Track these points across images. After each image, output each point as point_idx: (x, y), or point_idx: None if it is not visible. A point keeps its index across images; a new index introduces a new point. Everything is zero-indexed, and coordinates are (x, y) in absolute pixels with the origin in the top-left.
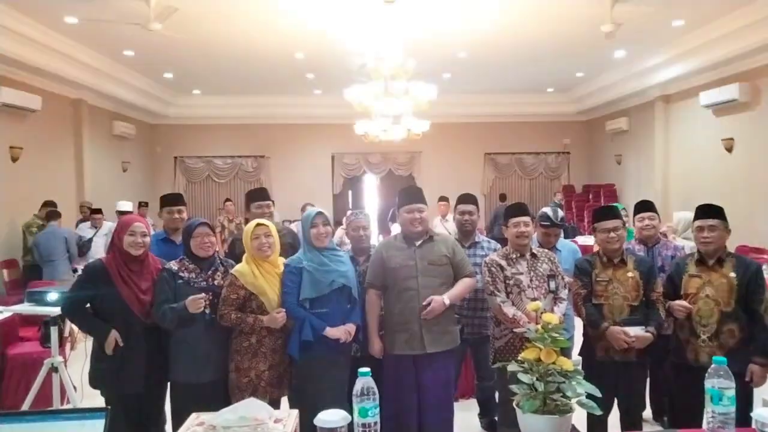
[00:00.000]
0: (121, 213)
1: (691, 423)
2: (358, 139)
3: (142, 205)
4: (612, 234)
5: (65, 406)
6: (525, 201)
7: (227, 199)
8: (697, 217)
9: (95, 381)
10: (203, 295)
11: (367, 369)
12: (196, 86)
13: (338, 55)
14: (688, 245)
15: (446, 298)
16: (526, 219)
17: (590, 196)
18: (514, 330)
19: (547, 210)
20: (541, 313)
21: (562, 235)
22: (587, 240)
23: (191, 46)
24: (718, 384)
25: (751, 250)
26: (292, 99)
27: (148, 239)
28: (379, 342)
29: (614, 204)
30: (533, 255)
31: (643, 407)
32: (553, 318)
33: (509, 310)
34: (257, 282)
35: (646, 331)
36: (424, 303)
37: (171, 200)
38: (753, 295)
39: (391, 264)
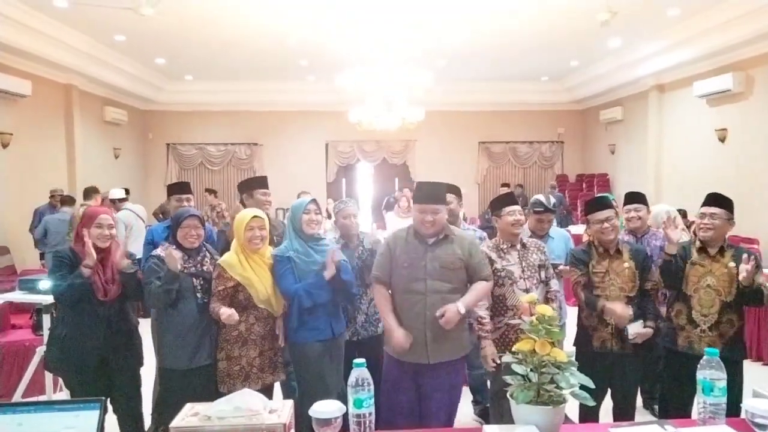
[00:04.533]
0: (113, 201)
1: (682, 411)
2: (353, 127)
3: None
4: (605, 224)
5: (58, 394)
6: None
7: (207, 189)
8: (703, 204)
9: (49, 364)
10: (175, 251)
11: (362, 360)
12: (189, 72)
13: (332, 41)
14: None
15: (461, 306)
16: (519, 208)
17: (584, 186)
18: (509, 321)
19: (540, 197)
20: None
21: (555, 222)
22: (579, 229)
23: (183, 31)
24: (710, 375)
25: (742, 240)
26: (286, 85)
27: (114, 231)
28: (403, 333)
29: (605, 194)
30: (523, 245)
31: (636, 397)
32: (547, 310)
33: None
34: (245, 273)
35: (645, 326)
36: (437, 314)
37: (179, 189)
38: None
39: (399, 261)
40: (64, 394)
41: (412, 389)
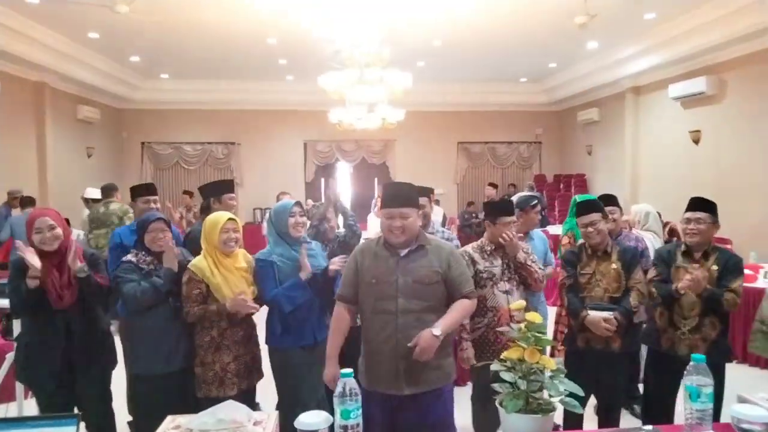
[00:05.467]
0: (87, 201)
1: (665, 411)
2: (331, 126)
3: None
4: (590, 228)
5: (29, 400)
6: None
7: (185, 191)
8: (687, 209)
9: (18, 373)
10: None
11: (349, 370)
12: (165, 70)
13: (311, 41)
14: (648, 237)
15: (436, 330)
16: (515, 219)
17: (561, 186)
18: (498, 329)
19: (525, 193)
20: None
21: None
22: (557, 230)
23: (159, 28)
24: (697, 381)
25: (716, 241)
26: (264, 85)
27: (58, 230)
28: (334, 368)
29: (590, 197)
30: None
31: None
32: (536, 317)
33: None
34: (213, 279)
35: (612, 316)
36: (410, 345)
37: (147, 190)
38: (721, 281)
39: (366, 277)
40: (35, 401)
41: (389, 427)
